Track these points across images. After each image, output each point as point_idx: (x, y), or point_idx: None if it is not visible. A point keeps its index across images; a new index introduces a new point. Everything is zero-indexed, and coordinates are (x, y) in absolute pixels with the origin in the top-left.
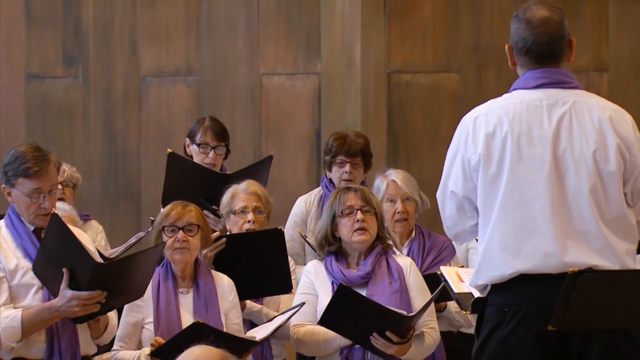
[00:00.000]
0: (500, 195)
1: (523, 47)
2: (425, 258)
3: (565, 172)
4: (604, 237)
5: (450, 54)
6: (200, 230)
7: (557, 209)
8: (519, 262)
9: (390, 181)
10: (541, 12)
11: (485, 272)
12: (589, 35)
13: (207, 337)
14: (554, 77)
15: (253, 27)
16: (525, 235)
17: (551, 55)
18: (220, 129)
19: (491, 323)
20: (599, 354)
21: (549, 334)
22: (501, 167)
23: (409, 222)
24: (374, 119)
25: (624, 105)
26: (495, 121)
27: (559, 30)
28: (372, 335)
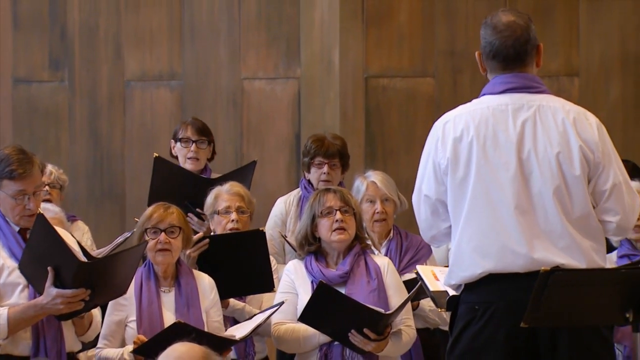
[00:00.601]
0: (468, 198)
1: (490, 52)
2: (403, 258)
3: (530, 174)
4: (569, 236)
5: (426, 58)
6: (182, 232)
7: (523, 210)
8: (488, 262)
9: (370, 182)
10: (507, 17)
11: (457, 272)
12: (559, 41)
13: (190, 334)
14: (520, 82)
15: (235, 33)
16: (493, 236)
17: (517, 59)
18: (201, 124)
19: (463, 320)
20: (568, 349)
21: (518, 331)
22: (468, 170)
23: (388, 222)
24: (352, 122)
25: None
26: (462, 126)
27: (524, 34)
28: (350, 332)
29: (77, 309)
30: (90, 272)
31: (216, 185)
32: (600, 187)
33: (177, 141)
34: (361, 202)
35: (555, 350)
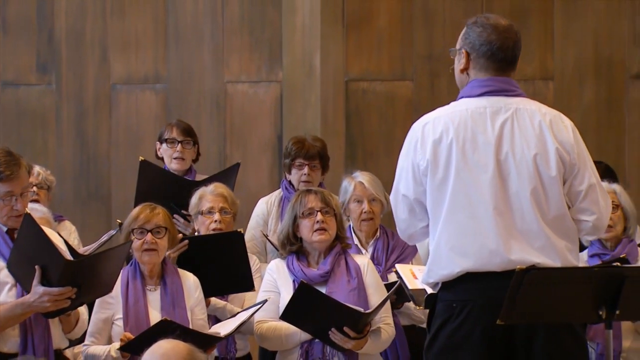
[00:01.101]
0: (447, 199)
1: (488, 50)
2: (389, 256)
3: (507, 175)
4: (545, 236)
5: (405, 62)
6: (168, 232)
7: (501, 211)
8: (466, 261)
9: (357, 182)
10: (504, 20)
11: (435, 271)
12: (535, 46)
13: (174, 331)
14: (498, 85)
15: (218, 38)
16: (471, 235)
17: (512, 62)
18: (186, 125)
19: (441, 318)
20: (543, 347)
21: (494, 328)
22: (448, 171)
23: (375, 221)
24: (333, 124)
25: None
26: (441, 128)
27: (519, 40)
28: (330, 330)
29: (63, 306)
30: (77, 270)
31: (200, 187)
32: (576, 188)
33: (162, 142)
34: (349, 201)
35: (530, 348)
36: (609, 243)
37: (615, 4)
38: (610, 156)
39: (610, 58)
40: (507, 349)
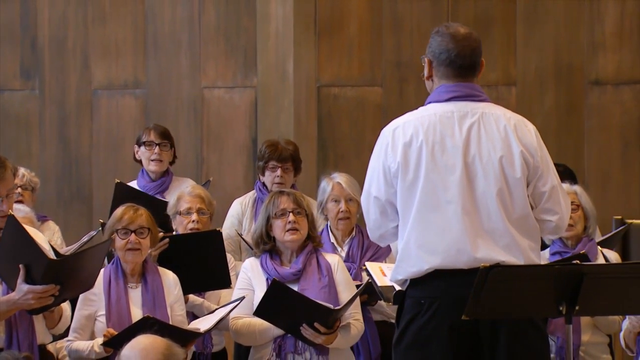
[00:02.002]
0: (417, 199)
1: (447, 59)
2: (364, 254)
3: (474, 177)
4: (510, 235)
5: (374, 69)
6: (150, 233)
7: (468, 211)
8: (434, 259)
9: (335, 183)
10: (464, 28)
11: (404, 268)
12: (498, 53)
13: (152, 327)
14: (464, 91)
15: (195, 45)
16: (439, 234)
17: (471, 68)
18: (163, 129)
19: (409, 314)
20: (507, 341)
21: (461, 324)
22: (417, 173)
23: (351, 220)
24: (305, 128)
25: (530, 116)
26: (411, 132)
27: (479, 47)
28: (302, 326)
29: (47, 303)
30: (59, 268)
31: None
32: (540, 189)
33: (140, 145)
34: (326, 201)
35: (495, 342)
36: (569, 242)
37: (574, 13)
38: (570, 159)
39: (569, 65)
40: (473, 344)
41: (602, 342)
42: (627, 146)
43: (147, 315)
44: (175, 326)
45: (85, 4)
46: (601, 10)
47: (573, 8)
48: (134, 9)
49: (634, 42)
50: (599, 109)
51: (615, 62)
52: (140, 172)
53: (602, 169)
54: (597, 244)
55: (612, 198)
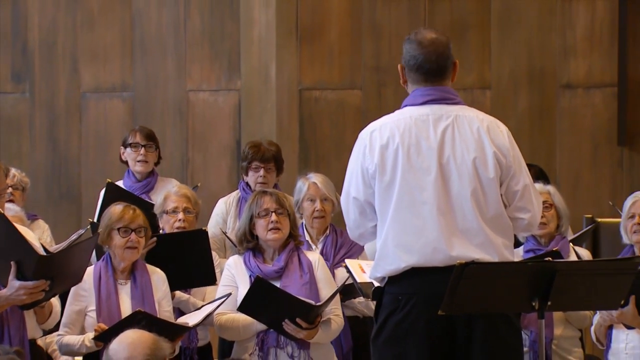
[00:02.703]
0: (394, 200)
1: (414, 65)
2: (338, 252)
3: (449, 178)
4: (484, 234)
5: (354, 73)
6: (146, 232)
7: (443, 210)
8: (411, 257)
9: (311, 183)
10: (430, 34)
11: (382, 266)
12: (473, 57)
13: (140, 322)
14: (438, 94)
15: (181, 49)
16: (416, 233)
17: (438, 73)
18: (148, 130)
19: (387, 310)
20: (482, 335)
21: (437, 319)
22: (394, 174)
23: (326, 219)
24: (288, 130)
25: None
26: (388, 134)
27: (446, 50)
28: (284, 321)
29: (38, 298)
30: (49, 264)
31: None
32: (513, 188)
33: (126, 147)
34: (302, 200)
35: (470, 337)
36: (543, 239)
37: (546, 19)
38: (542, 160)
39: (542, 69)
40: (449, 339)
41: (574, 336)
42: (597, 148)
43: (138, 309)
44: (166, 320)
45: (74, 10)
46: (572, 17)
47: (545, 14)
48: (121, 14)
49: (604, 47)
50: (571, 112)
51: (586, 67)
52: (126, 173)
53: (573, 169)
54: (569, 241)
55: (582, 197)
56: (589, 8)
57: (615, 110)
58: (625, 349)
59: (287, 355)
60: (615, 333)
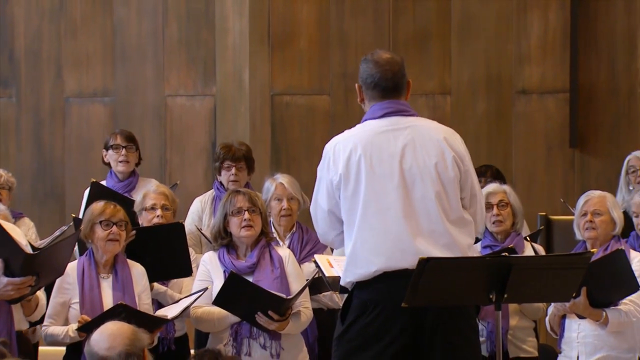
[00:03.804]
0: (360, 207)
1: (372, 83)
2: (304, 248)
3: (413, 182)
4: (449, 234)
5: (323, 79)
6: (127, 226)
7: (408, 214)
8: (380, 261)
9: (278, 183)
10: (386, 54)
11: (352, 271)
12: (434, 65)
13: (121, 314)
14: (395, 107)
15: (159, 56)
16: (382, 238)
17: (394, 90)
18: (128, 133)
19: (354, 314)
20: (442, 332)
21: (402, 322)
22: (358, 183)
23: (292, 217)
24: (260, 133)
25: (463, 122)
26: (351, 147)
27: (401, 69)
28: (257, 314)
29: (25, 293)
30: (35, 261)
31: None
32: (467, 194)
33: (108, 149)
34: (270, 199)
35: (432, 339)
36: (499, 236)
37: (503, 29)
38: (499, 161)
39: (499, 75)
40: (414, 342)
41: (528, 327)
42: (550, 150)
43: (120, 302)
44: (146, 313)
45: (58, 19)
46: (527, 26)
47: (502, 24)
48: (102, 23)
49: (556, 55)
50: (525, 116)
51: (540, 73)
52: (109, 174)
53: (528, 170)
54: (525, 238)
55: (537, 196)
56: (543, 18)
57: (567, 114)
58: (577, 337)
59: (259, 346)
60: (568, 323)
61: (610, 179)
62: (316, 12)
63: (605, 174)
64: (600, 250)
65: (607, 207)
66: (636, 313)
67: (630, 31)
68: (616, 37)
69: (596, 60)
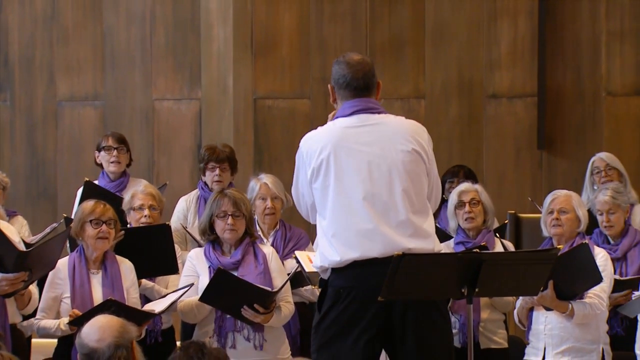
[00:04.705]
0: (330, 199)
1: (344, 82)
2: (287, 245)
3: (380, 176)
4: (414, 225)
5: (303, 84)
6: (116, 224)
7: (376, 206)
8: (351, 252)
9: (262, 183)
10: (357, 56)
11: (325, 258)
12: (409, 70)
13: (110, 308)
14: (364, 105)
15: (147, 62)
16: (353, 228)
17: (365, 89)
18: (119, 135)
19: (330, 301)
20: (414, 322)
21: (375, 310)
22: (328, 177)
23: (276, 216)
24: (244, 135)
25: (437, 124)
26: (322, 142)
27: (371, 70)
28: (243, 308)
29: (18, 288)
30: (28, 258)
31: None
32: (431, 183)
33: (100, 150)
34: (255, 199)
35: (404, 323)
36: (471, 232)
37: (474, 36)
38: (471, 161)
39: (470, 80)
40: (386, 325)
41: (499, 319)
42: (519, 151)
43: (109, 297)
44: (134, 307)
45: (50, 27)
46: (497, 34)
47: (473, 31)
48: (93, 31)
49: (525, 61)
50: (496, 119)
51: (509, 79)
52: (101, 174)
53: (498, 170)
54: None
55: (506, 195)
56: (512, 26)
57: (535, 117)
58: (544, 329)
59: (243, 338)
60: (536, 315)
61: (576, 179)
62: (297, 20)
63: (571, 174)
64: (566, 246)
65: (573, 206)
66: (600, 306)
67: (595, 39)
68: (581, 44)
69: (563, 66)
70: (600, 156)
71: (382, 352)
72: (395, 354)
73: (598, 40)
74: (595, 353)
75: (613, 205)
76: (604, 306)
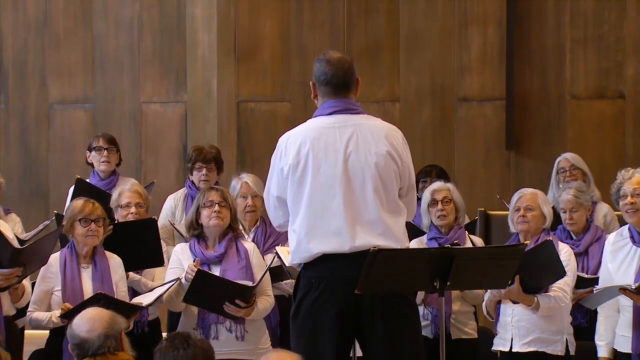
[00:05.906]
0: (305, 195)
1: (325, 79)
2: (267, 241)
3: (354, 175)
4: (384, 224)
5: (284, 87)
6: (104, 222)
7: (348, 204)
8: (321, 246)
9: (243, 182)
10: (337, 54)
11: (297, 254)
12: (385, 74)
13: (99, 301)
14: (343, 105)
15: (135, 66)
16: (325, 225)
17: (345, 86)
18: (109, 136)
19: (303, 291)
20: (384, 312)
21: (346, 297)
22: (305, 174)
23: (256, 213)
24: (227, 136)
25: (411, 127)
26: (301, 140)
27: (350, 68)
28: (225, 304)
29: (12, 282)
30: (22, 254)
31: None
32: (405, 184)
33: (91, 151)
34: (236, 197)
35: (373, 313)
36: (443, 229)
37: (446, 42)
38: (443, 161)
39: (442, 85)
40: (356, 315)
41: (469, 311)
42: (488, 151)
43: (99, 291)
44: (123, 301)
45: (42, 33)
46: (468, 40)
47: (445, 38)
48: (83, 37)
49: (494, 66)
50: (466, 121)
51: (479, 83)
52: (92, 173)
53: (469, 169)
54: None
55: (476, 193)
56: (482, 33)
57: (504, 120)
58: (512, 321)
59: (225, 329)
60: (503, 308)
61: (542, 178)
62: (278, 27)
63: (538, 174)
64: (532, 242)
65: (538, 203)
66: (564, 299)
67: (560, 45)
68: (547, 51)
69: (529, 71)
70: (565, 156)
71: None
72: (365, 342)
73: (563, 47)
74: (559, 343)
75: (575, 204)
76: (567, 299)
